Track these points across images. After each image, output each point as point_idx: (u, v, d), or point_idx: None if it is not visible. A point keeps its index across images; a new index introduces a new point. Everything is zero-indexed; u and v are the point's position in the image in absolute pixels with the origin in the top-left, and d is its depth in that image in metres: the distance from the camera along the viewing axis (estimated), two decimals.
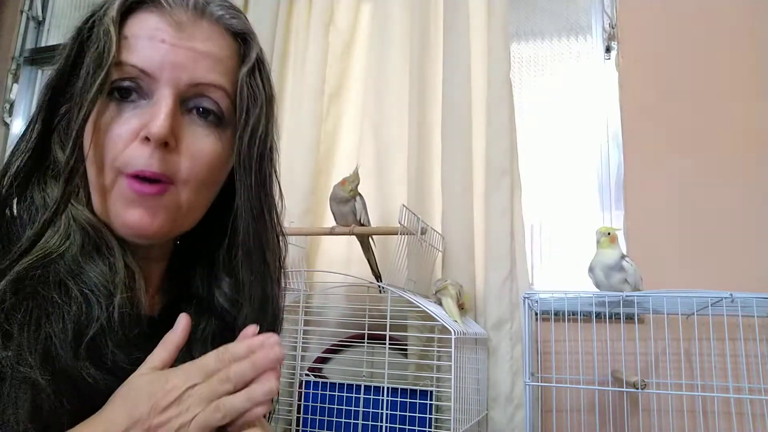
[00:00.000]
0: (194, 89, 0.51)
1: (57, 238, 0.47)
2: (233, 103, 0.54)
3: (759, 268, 1.36)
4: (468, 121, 1.48)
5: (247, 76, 0.54)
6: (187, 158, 0.50)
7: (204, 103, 0.52)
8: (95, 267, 0.48)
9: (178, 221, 0.52)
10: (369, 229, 1.37)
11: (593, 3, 1.69)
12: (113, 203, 0.50)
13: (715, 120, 1.47)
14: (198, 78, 0.51)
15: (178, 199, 0.51)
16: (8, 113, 2.24)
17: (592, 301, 1.22)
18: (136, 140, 0.48)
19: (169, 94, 0.49)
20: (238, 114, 0.54)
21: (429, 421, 1.20)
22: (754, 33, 1.49)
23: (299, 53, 1.70)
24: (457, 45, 1.51)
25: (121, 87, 0.49)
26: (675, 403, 1.31)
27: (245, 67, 0.54)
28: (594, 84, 1.64)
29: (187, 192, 0.51)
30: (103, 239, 0.50)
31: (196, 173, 0.51)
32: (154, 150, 0.48)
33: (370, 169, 1.55)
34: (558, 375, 1.37)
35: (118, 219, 0.50)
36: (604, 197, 1.57)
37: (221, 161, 0.54)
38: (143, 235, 0.51)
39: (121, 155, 0.48)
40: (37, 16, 2.35)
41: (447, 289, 1.22)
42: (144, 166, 0.48)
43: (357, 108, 1.68)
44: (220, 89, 0.52)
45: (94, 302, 0.46)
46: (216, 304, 0.58)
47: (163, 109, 0.48)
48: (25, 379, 0.42)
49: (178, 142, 0.50)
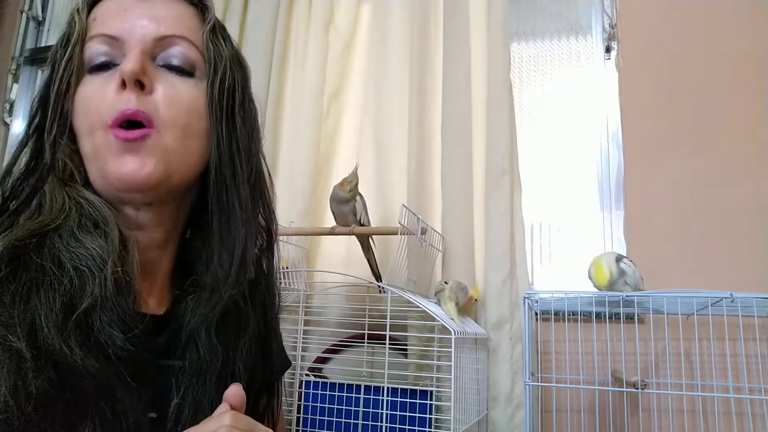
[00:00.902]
0: (161, 43, 0.54)
1: (54, 212, 0.49)
2: (203, 59, 0.56)
3: (759, 268, 1.36)
4: (468, 121, 1.48)
5: (210, 33, 0.58)
6: (165, 102, 0.53)
7: (174, 60, 0.55)
8: (93, 240, 0.49)
9: (171, 167, 0.53)
10: (369, 229, 1.37)
11: (593, 3, 1.69)
12: (106, 162, 0.51)
13: (715, 120, 1.47)
14: (162, 32, 0.54)
15: (163, 142, 0.52)
16: (8, 113, 2.24)
17: (592, 301, 1.22)
18: (114, 91, 0.51)
19: (136, 45, 0.53)
20: (207, 68, 0.56)
21: (429, 421, 1.20)
22: (754, 33, 1.49)
23: (299, 53, 1.70)
24: (457, 45, 1.51)
25: (98, 64, 0.53)
26: (675, 403, 1.31)
27: (207, 25, 0.58)
28: (594, 84, 1.64)
29: (170, 136, 0.53)
30: (99, 212, 0.51)
31: (174, 116, 0.53)
32: (130, 92, 0.51)
33: (370, 169, 1.55)
34: (558, 375, 1.37)
35: (112, 174, 0.51)
36: (604, 197, 1.57)
37: (199, 107, 0.56)
38: (137, 183, 0.51)
39: (103, 110, 0.51)
40: (37, 16, 2.35)
41: (443, 293, 1.22)
42: (123, 107, 0.50)
43: (357, 108, 1.68)
44: (186, 40, 0.55)
45: (87, 276, 0.47)
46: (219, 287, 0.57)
47: (131, 55, 0.52)
48: (11, 349, 0.41)
49: (153, 87, 0.53)
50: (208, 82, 0.56)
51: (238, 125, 0.58)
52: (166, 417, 0.51)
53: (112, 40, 0.53)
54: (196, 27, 0.57)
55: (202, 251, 0.60)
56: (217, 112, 0.56)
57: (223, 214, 0.58)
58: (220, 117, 0.56)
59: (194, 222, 0.62)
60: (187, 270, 0.61)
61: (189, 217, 0.62)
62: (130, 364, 0.47)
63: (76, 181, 0.52)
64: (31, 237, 0.46)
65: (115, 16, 0.54)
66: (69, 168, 0.52)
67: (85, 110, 0.52)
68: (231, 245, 0.57)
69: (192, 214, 0.62)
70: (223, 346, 0.56)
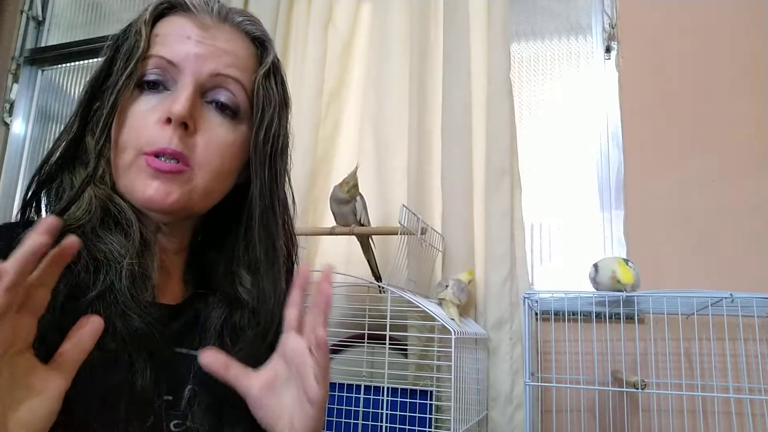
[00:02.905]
0: (214, 80, 0.55)
1: (80, 212, 0.51)
2: (249, 101, 0.58)
3: (759, 268, 1.36)
4: (468, 121, 1.48)
5: (264, 77, 0.59)
6: (203, 143, 0.54)
7: (222, 97, 0.56)
8: (113, 237, 0.51)
9: (192, 201, 0.55)
10: (369, 229, 1.37)
11: (593, 3, 1.69)
12: (133, 179, 0.53)
13: (715, 120, 1.47)
14: (218, 69, 0.55)
15: (194, 180, 0.54)
16: (8, 113, 2.24)
17: (592, 301, 1.22)
18: (159, 123, 0.52)
19: (190, 82, 0.53)
20: (254, 112, 0.58)
21: (429, 421, 1.20)
22: (754, 33, 1.49)
23: (299, 53, 1.70)
24: (457, 45, 1.51)
25: (149, 80, 0.54)
26: (675, 403, 1.31)
27: (262, 69, 0.59)
28: (594, 84, 1.64)
29: (201, 176, 0.54)
30: (122, 213, 0.53)
31: (209, 158, 0.54)
32: (174, 131, 0.52)
33: (370, 169, 1.55)
34: (558, 375, 1.37)
35: (137, 191, 0.53)
36: (604, 197, 1.57)
37: (234, 151, 0.57)
38: (158, 207, 0.53)
39: (144, 137, 0.53)
40: (37, 16, 2.36)
41: (446, 301, 1.23)
42: (164, 145, 0.52)
43: (357, 108, 1.68)
44: (238, 83, 0.56)
45: (103, 266, 0.49)
46: (239, 297, 0.60)
47: (184, 93, 0.53)
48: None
49: (196, 127, 0.54)
50: (254, 126, 0.58)
51: (278, 167, 0.60)
52: (180, 401, 0.53)
53: (170, 65, 0.54)
54: (251, 68, 0.59)
55: (218, 261, 0.62)
56: (260, 155, 0.58)
57: (269, 249, 0.60)
58: (264, 161, 0.58)
59: (207, 229, 0.65)
60: (199, 270, 0.63)
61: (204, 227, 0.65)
62: (145, 347, 0.49)
63: (106, 183, 0.54)
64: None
65: (177, 41, 0.55)
66: (102, 167, 0.54)
67: (126, 127, 0.53)
68: (272, 278, 0.60)
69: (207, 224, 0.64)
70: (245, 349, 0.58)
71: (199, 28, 0.56)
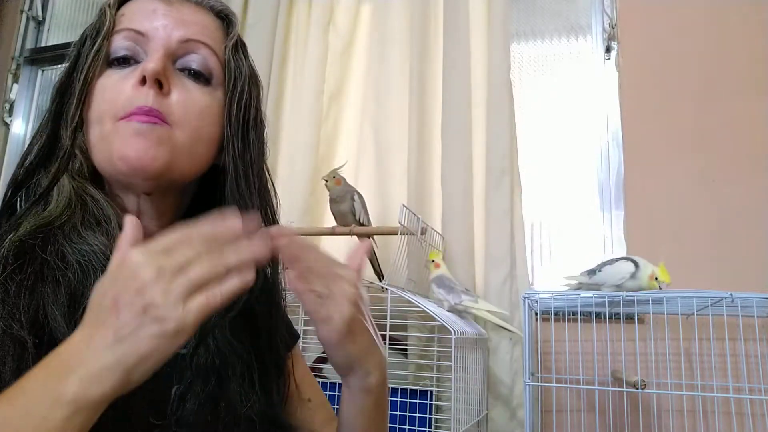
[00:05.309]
0: (184, 46, 0.55)
1: (59, 209, 0.51)
2: (222, 69, 0.58)
3: (759, 268, 1.36)
4: (468, 121, 1.48)
5: (233, 48, 0.59)
6: (179, 105, 0.54)
7: (193, 64, 0.56)
8: (95, 237, 0.50)
9: (175, 161, 0.54)
10: (369, 229, 1.37)
11: (593, 3, 1.69)
12: (110, 144, 0.52)
13: (715, 120, 1.47)
14: (187, 35, 0.56)
15: (173, 137, 0.53)
16: (8, 113, 2.24)
17: (592, 301, 1.22)
18: (133, 86, 0.53)
19: (161, 46, 0.54)
20: (226, 81, 0.58)
21: (429, 421, 1.20)
22: (754, 33, 1.49)
23: (299, 53, 1.70)
24: (457, 45, 1.52)
25: (118, 56, 0.54)
26: (675, 403, 1.31)
27: (230, 40, 0.59)
28: (594, 84, 1.64)
29: (180, 134, 0.54)
30: (102, 211, 0.52)
31: (187, 117, 0.54)
32: (149, 90, 0.52)
33: (370, 169, 1.55)
34: (558, 375, 1.37)
35: (117, 154, 0.52)
36: (604, 197, 1.57)
37: (211, 115, 0.57)
38: (141, 165, 0.52)
39: (119, 102, 0.52)
40: (37, 16, 2.36)
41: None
42: (141, 103, 0.52)
43: (357, 108, 1.68)
44: (208, 47, 0.57)
45: (90, 270, 0.48)
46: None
47: (155, 55, 0.53)
48: (14, 338, 0.43)
49: (170, 89, 0.54)
50: (227, 94, 0.58)
51: (252, 139, 0.60)
52: (167, 401, 0.53)
53: (138, 36, 0.55)
54: (219, 39, 0.59)
55: None
56: (234, 124, 0.58)
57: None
58: (236, 129, 0.58)
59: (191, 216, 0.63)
60: None
61: (186, 212, 0.64)
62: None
63: (84, 176, 0.54)
64: (37, 233, 0.48)
65: (143, 15, 0.56)
66: (78, 159, 0.54)
67: (99, 101, 0.54)
68: None
69: (189, 210, 0.64)
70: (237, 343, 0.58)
71: (165, 3, 0.57)
